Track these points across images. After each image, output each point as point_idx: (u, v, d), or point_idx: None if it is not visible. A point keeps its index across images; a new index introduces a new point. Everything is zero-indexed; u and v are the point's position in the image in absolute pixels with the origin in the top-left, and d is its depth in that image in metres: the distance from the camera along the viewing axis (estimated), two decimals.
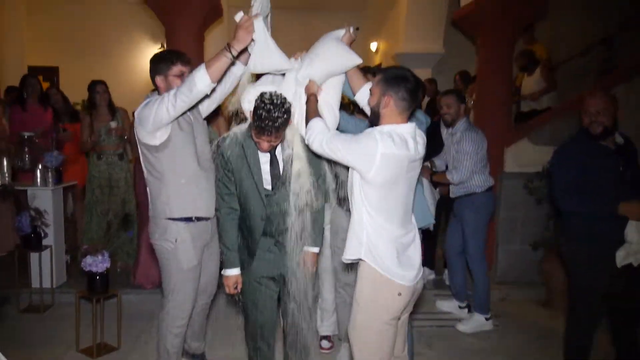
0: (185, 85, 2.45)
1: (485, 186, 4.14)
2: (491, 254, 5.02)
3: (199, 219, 2.81)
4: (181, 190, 2.75)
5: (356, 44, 9.68)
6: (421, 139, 2.37)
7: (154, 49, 10.57)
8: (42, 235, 4.34)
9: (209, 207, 2.81)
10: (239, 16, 2.46)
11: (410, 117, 2.37)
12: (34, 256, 4.45)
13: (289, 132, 2.55)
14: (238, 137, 2.60)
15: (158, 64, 2.74)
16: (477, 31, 5.65)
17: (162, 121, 2.56)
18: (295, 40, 12.22)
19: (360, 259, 2.33)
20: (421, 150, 2.33)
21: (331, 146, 2.27)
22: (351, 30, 2.67)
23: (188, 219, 2.78)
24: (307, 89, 2.56)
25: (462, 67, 8.08)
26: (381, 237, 2.27)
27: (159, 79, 2.73)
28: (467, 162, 4.03)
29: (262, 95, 2.41)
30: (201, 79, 2.40)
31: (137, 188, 4.75)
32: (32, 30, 9.48)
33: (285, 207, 2.58)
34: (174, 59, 2.72)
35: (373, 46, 10.40)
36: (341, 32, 2.67)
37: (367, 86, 2.58)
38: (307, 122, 2.43)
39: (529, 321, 4.50)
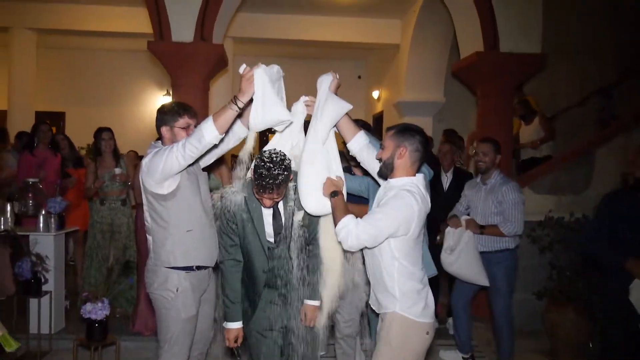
0: (194, 137, 2.48)
1: (517, 242, 4.10)
2: None
3: (199, 267, 2.80)
4: (186, 239, 2.75)
5: (358, 91, 10.02)
6: (427, 190, 2.48)
7: (160, 95, 10.86)
8: (43, 280, 4.31)
9: (212, 256, 2.81)
10: (242, 68, 2.52)
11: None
12: (33, 302, 4.40)
13: (290, 187, 2.59)
14: (242, 190, 2.62)
15: (165, 114, 2.77)
16: (476, 82, 5.76)
17: (171, 170, 2.57)
18: (300, 89, 12.41)
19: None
20: (429, 200, 2.45)
21: (370, 232, 2.29)
22: (337, 76, 2.70)
23: (189, 268, 2.76)
24: (327, 186, 2.49)
25: (463, 114, 8.27)
26: (410, 280, 2.38)
27: (165, 129, 2.77)
28: (518, 213, 3.90)
29: (261, 153, 2.45)
30: (209, 131, 2.44)
31: (138, 235, 4.75)
32: (40, 76, 9.69)
33: (287, 260, 2.60)
34: (181, 112, 2.75)
35: (375, 94, 10.60)
36: (329, 78, 2.66)
37: (361, 134, 2.64)
38: (335, 220, 2.40)
39: None
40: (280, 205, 2.61)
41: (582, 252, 3.22)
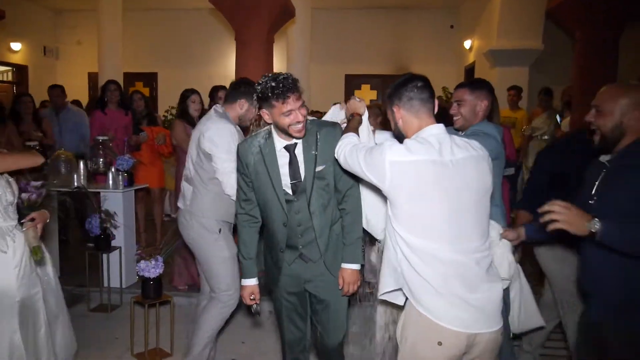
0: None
1: None
2: None
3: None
4: (224, 197, 3.07)
5: (450, 42, 9.35)
6: (467, 143, 2.00)
7: None
8: (111, 236, 4.43)
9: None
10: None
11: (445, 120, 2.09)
12: (104, 257, 4.55)
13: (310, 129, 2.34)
14: (256, 140, 2.41)
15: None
16: (574, 24, 5.03)
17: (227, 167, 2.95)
18: (387, 40, 11.95)
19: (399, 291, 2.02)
20: (459, 150, 1.95)
21: (353, 157, 2.04)
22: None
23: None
24: (351, 106, 2.46)
25: (563, 64, 7.37)
26: (421, 262, 1.89)
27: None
28: None
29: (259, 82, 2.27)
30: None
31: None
32: (127, 38, 9.99)
33: (308, 216, 2.36)
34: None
35: (467, 44, 9.85)
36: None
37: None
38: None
39: None
40: (300, 152, 2.34)
41: None
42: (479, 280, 1.89)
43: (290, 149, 2.34)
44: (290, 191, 2.37)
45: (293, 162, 2.34)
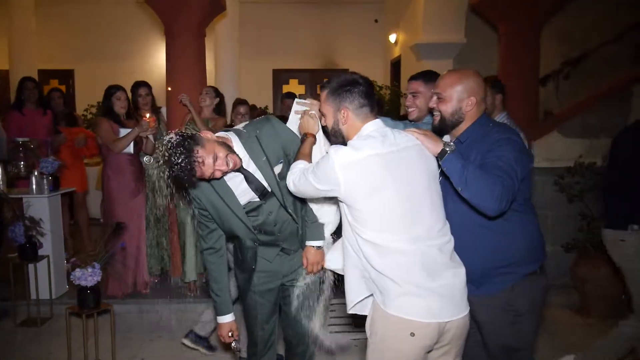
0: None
1: None
2: None
3: None
4: None
5: (376, 36, 9.44)
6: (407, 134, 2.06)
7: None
8: (38, 245, 4.13)
9: None
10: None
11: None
12: (31, 267, 4.23)
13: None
14: None
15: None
16: (498, 17, 5.24)
17: None
18: (315, 34, 11.94)
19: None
20: (403, 140, 1.98)
21: (302, 181, 2.04)
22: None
23: None
24: (303, 125, 2.34)
25: (486, 57, 7.67)
26: (384, 260, 1.88)
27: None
28: None
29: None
30: None
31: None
32: (41, 32, 9.34)
33: (282, 212, 2.33)
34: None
35: (392, 38, 10.00)
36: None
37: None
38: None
39: (565, 331, 4.09)
40: (250, 164, 2.24)
41: None
42: (443, 268, 1.90)
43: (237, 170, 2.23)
44: (256, 198, 2.30)
45: (250, 178, 2.24)
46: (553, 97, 7.71)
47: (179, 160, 1.96)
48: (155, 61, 10.48)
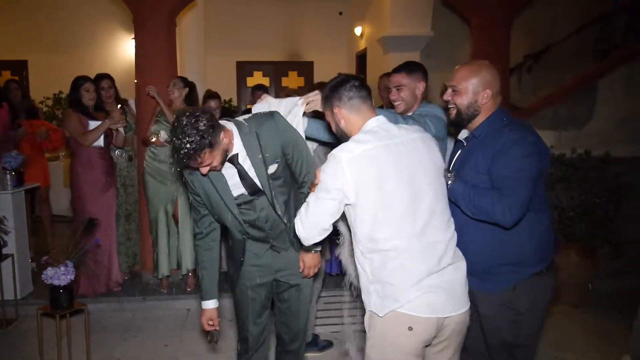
0: None
1: None
2: None
3: None
4: None
5: (340, 29, 9.35)
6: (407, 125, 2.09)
7: (128, 39, 10.10)
8: (1, 243, 3.93)
9: None
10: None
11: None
12: None
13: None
14: None
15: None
16: (470, 11, 5.29)
17: None
18: (279, 26, 11.80)
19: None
20: (407, 133, 1.98)
21: (312, 205, 1.97)
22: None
23: None
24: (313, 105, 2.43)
25: (453, 50, 7.77)
26: (391, 261, 1.86)
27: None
28: None
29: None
30: None
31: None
32: None
33: (273, 211, 2.28)
34: None
35: (358, 30, 10.00)
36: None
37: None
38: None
39: None
40: (246, 160, 2.20)
41: None
42: (445, 263, 1.89)
43: (233, 160, 2.17)
44: (247, 194, 2.26)
45: (243, 175, 2.20)
46: (516, 90, 7.88)
47: (185, 141, 1.92)
48: (115, 52, 10.17)
